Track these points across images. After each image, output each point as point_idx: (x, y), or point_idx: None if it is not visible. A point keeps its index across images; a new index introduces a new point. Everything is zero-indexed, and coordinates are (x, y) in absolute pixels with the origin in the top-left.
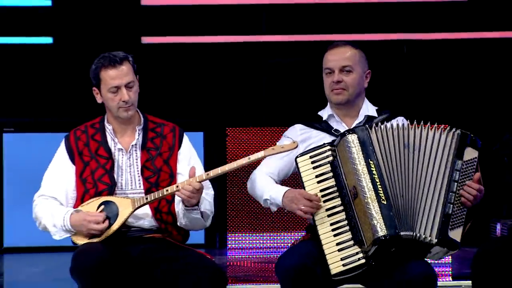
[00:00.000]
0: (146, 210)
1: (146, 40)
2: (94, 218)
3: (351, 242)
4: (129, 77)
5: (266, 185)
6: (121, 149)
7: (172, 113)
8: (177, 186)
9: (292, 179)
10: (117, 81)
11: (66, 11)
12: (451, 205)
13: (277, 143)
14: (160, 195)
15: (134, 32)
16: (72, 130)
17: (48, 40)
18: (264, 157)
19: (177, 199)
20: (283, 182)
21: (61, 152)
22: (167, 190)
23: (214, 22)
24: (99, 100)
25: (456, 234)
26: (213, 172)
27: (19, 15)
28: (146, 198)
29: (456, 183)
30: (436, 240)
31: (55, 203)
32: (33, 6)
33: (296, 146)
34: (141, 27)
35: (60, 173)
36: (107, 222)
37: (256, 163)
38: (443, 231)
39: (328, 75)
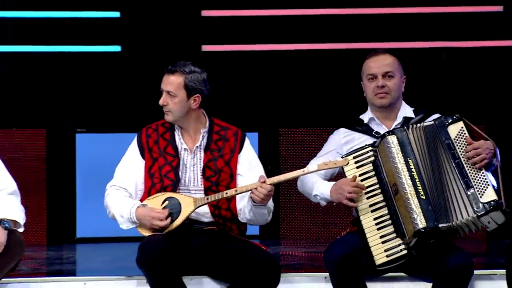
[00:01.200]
0: (205, 207)
1: (206, 48)
2: (158, 215)
3: (394, 235)
4: (171, 87)
5: (314, 183)
6: (187, 149)
7: (229, 115)
8: (235, 190)
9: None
10: (162, 86)
11: (133, 22)
12: (467, 179)
13: (323, 150)
14: (220, 197)
15: (195, 41)
16: (144, 127)
17: (116, 48)
18: (318, 170)
19: (238, 197)
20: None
21: (133, 147)
22: (226, 193)
23: (267, 31)
24: None
25: (489, 195)
26: (269, 180)
27: (91, 25)
28: (207, 198)
29: (458, 160)
30: (475, 215)
31: (124, 194)
32: (103, 17)
33: (348, 164)
34: (202, 36)
35: (131, 166)
36: (169, 219)
37: (303, 164)
38: (475, 203)
39: (370, 81)
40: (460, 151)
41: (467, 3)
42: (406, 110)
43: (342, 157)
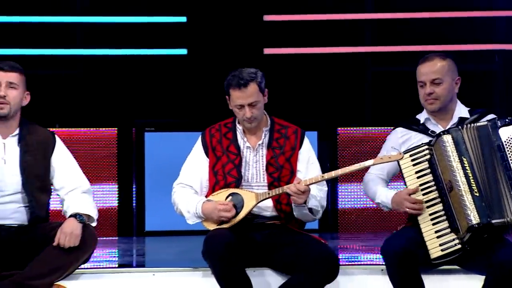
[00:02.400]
0: (268, 202)
1: (267, 51)
2: (223, 207)
3: (448, 230)
4: (253, 98)
5: (377, 190)
6: (249, 147)
7: (290, 115)
8: (288, 187)
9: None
10: (241, 101)
11: (198, 26)
12: None
13: (383, 149)
14: (280, 191)
15: (257, 44)
16: (207, 128)
17: (183, 51)
18: (374, 164)
19: None
20: None
21: (198, 146)
22: (286, 188)
23: (326, 34)
24: (230, 107)
25: None
26: (327, 175)
27: (158, 30)
28: (268, 193)
29: (507, 162)
30: None
31: (190, 191)
32: (171, 22)
33: (402, 157)
34: (263, 40)
35: (196, 165)
36: (234, 210)
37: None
38: None
39: (421, 87)
40: (509, 153)
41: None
42: (461, 111)
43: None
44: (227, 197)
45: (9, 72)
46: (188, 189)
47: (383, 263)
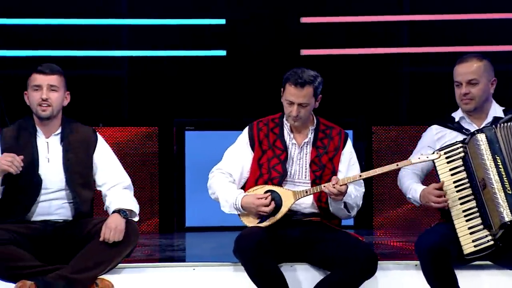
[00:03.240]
0: (309, 199)
1: (304, 52)
2: (263, 201)
3: (481, 227)
4: (305, 99)
5: (408, 185)
6: (295, 144)
7: (326, 114)
8: (323, 186)
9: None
10: (293, 98)
11: (237, 29)
12: None
13: (418, 146)
14: (317, 190)
15: (294, 46)
16: (255, 121)
17: (222, 53)
18: (411, 164)
19: None
20: None
21: (244, 137)
22: (324, 186)
23: (362, 35)
24: (282, 99)
25: None
26: (364, 174)
27: (199, 32)
28: (306, 192)
29: None
30: None
31: (229, 179)
32: (210, 24)
33: (439, 158)
34: (300, 41)
35: (239, 154)
36: (273, 204)
37: (395, 160)
38: None
39: (457, 87)
40: None
41: None
42: (496, 110)
43: (433, 153)
44: (264, 193)
45: (50, 75)
46: (227, 175)
47: (417, 258)
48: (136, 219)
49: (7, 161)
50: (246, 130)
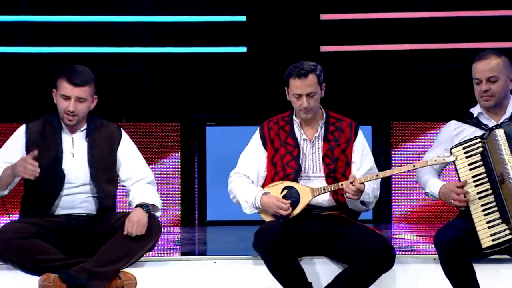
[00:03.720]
0: (325, 194)
1: (324, 48)
2: (282, 205)
3: (499, 221)
4: (311, 88)
5: (427, 180)
6: (306, 139)
7: (346, 110)
8: (341, 184)
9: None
10: (300, 90)
11: (257, 26)
12: None
13: (436, 141)
14: (336, 187)
15: (314, 42)
16: (265, 121)
17: (243, 49)
18: (427, 165)
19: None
20: None
21: (256, 138)
22: (341, 184)
23: (381, 32)
24: (288, 98)
25: None
26: (382, 174)
27: (220, 29)
28: (323, 189)
29: None
30: None
31: (247, 181)
32: (231, 21)
33: (455, 159)
34: (320, 38)
35: (254, 156)
36: (290, 209)
37: (413, 155)
38: None
39: (477, 84)
40: None
41: None
42: None
43: (452, 148)
44: (282, 189)
45: (80, 87)
46: (244, 178)
47: (436, 252)
48: (159, 213)
49: (22, 167)
50: (257, 131)
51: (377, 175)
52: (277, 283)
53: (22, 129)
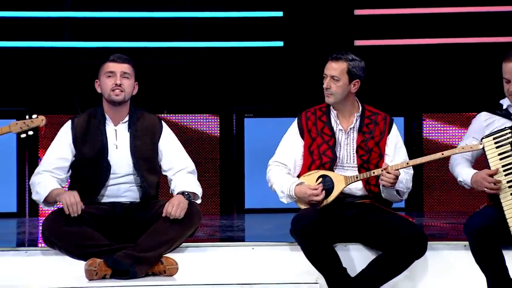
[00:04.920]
0: (359, 183)
1: (358, 43)
2: (314, 191)
3: None
4: (336, 72)
5: (460, 169)
6: (341, 129)
7: (379, 102)
8: (382, 170)
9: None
10: (326, 71)
11: (294, 21)
12: None
13: (468, 132)
14: (368, 176)
15: (348, 36)
16: (303, 111)
17: (279, 43)
18: (455, 153)
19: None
20: None
21: (293, 128)
22: (373, 172)
23: (412, 27)
24: None
25: None
26: (412, 162)
27: (257, 24)
28: (357, 177)
29: None
30: None
31: (284, 170)
32: (269, 16)
33: (482, 147)
34: (354, 32)
35: (291, 145)
36: (324, 193)
37: (445, 146)
38: None
39: (506, 83)
40: None
41: None
42: None
43: (482, 138)
44: (317, 178)
45: (123, 63)
46: (282, 167)
47: (466, 239)
48: (199, 201)
49: (71, 203)
50: (295, 120)
51: (407, 163)
52: (313, 268)
53: (68, 124)
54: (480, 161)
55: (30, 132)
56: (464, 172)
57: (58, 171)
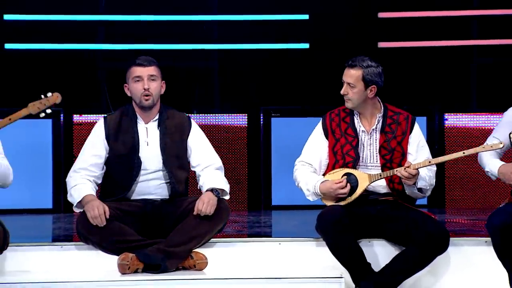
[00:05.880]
0: (382, 181)
1: (381, 44)
2: (339, 185)
3: None
4: (352, 80)
5: (488, 160)
6: (364, 130)
7: (402, 102)
8: (404, 168)
9: None
10: (344, 77)
11: (319, 23)
12: None
13: (497, 127)
14: (391, 173)
15: (372, 39)
16: (328, 112)
17: (305, 45)
18: (477, 152)
19: None
20: None
21: (318, 129)
22: (396, 171)
23: (435, 29)
24: None
25: None
26: (434, 161)
27: (284, 27)
28: (380, 175)
29: None
30: None
31: (310, 169)
32: (295, 19)
33: (503, 146)
34: (378, 34)
35: (316, 145)
36: (349, 186)
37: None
38: None
39: None
40: None
41: None
42: None
43: (510, 134)
44: (342, 176)
45: (149, 66)
46: (308, 167)
47: (487, 235)
48: (227, 197)
49: (94, 216)
50: (320, 121)
51: (430, 162)
52: (338, 263)
53: (101, 122)
54: (508, 155)
55: (48, 111)
56: (491, 163)
57: (94, 168)
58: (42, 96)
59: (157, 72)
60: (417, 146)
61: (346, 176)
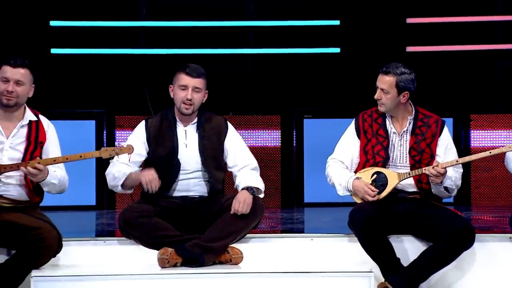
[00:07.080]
0: (410, 180)
1: (410, 49)
2: (370, 192)
3: None
4: (385, 86)
5: None
6: (395, 132)
7: (430, 104)
8: (433, 167)
9: None
10: (377, 83)
11: (350, 28)
12: None
13: None
14: (420, 172)
15: (401, 43)
16: (361, 113)
17: (336, 50)
18: (502, 152)
19: None
20: None
21: (351, 128)
22: (424, 169)
23: (462, 33)
24: None
25: None
26: (461, 160)
27: (315, 32)
28: (409, 174)
29: None
30: None
31: (342, 166)
32: (327, 24)
33: None
34: (406, 39)
35: (348, 143)
36: (377, 197)
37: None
38: None
39: None
40: None
41: None
42: None
43: None
44: (372, 174)
45: (197, 78)
46: (340, 164)
47: (511, 232)
48: (262, 195)
49: (149, 180)
50: (353, 121)
51: (457, 161)
52: (368, 258)
53: (142, 124)
54: None
55: (116, 157)
56: None
57: (132, 164)
58: (116, 144)
59: (203, 84)
60: (445, 149)
61: (376, 175)
